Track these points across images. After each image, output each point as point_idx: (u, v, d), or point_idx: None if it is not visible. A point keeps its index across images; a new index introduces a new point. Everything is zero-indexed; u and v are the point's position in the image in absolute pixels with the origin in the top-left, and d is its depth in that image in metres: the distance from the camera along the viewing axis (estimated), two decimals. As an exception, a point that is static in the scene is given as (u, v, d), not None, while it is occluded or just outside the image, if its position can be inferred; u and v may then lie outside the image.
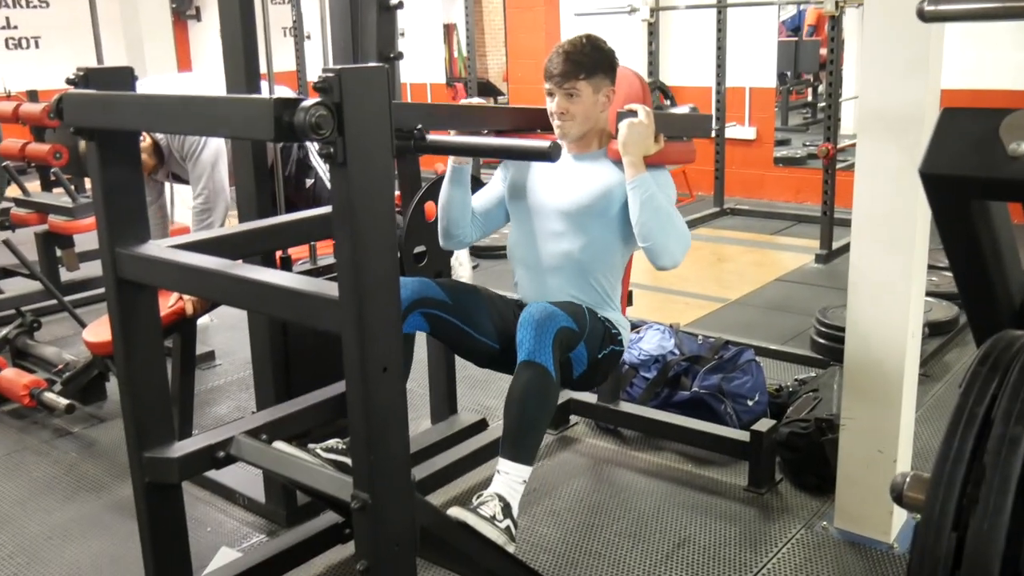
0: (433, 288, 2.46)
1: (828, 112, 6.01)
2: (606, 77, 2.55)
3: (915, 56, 2.38)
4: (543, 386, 2.20)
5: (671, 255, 2.43)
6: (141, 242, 2.05)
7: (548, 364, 2.20)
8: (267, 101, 1.45)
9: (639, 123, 2.45)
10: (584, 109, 2.52)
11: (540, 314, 2.24)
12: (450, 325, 2.47)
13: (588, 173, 2.57)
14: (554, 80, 2.51)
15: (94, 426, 3.68)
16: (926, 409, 3.51)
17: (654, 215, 2.41)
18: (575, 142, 2.60)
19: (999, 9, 1.53)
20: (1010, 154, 1.06)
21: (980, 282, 1.24)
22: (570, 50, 2.51)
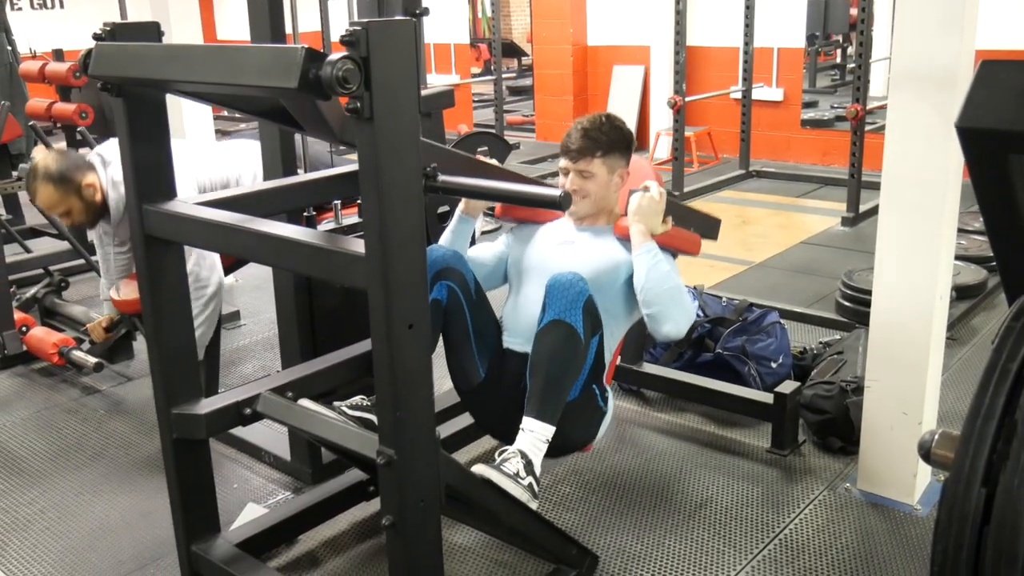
0: (465, 265, 2.46)
1: (857, 73, 5.91)
2: (622, 158, 2.54)
3: (950, 14, 2.33)
4: (571, 345, 2.20)
5: (675, 323, 2.40)
6: (168, 199, 2.07)
7: (577, 324, 2.20)
8: (296, 50, 1.44)
9: (651, 197, 2.46)
10: (597, 189, 2.52)
11: (572, 277, 2.25)
12: (461, 316, 2.44)
13: (592, 246, 2.54)
14: (570, 155, 2.50)
15: (122, 384, 3.72)
16: (952, 372, 3.49)
17: (660, 282, 2.38)
18: (583, 219, 2.58)
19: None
20: (1050, 108, 1.03)
21: (1014, 239, 1.22)
22: (588, 127, 2.50)
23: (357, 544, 2.61)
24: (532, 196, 2.20)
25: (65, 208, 3.14)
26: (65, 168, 3.08)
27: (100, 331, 3.62)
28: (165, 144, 2.07)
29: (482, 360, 2.49)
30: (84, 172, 3.11)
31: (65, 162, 3.10)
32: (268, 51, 1.55)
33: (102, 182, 3.13)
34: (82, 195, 3.10)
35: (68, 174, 3.08)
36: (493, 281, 2.67)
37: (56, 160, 3.10)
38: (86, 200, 3.11)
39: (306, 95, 1.51)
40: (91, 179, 3.11)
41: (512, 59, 13.35)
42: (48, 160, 3.10)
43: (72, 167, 3.10)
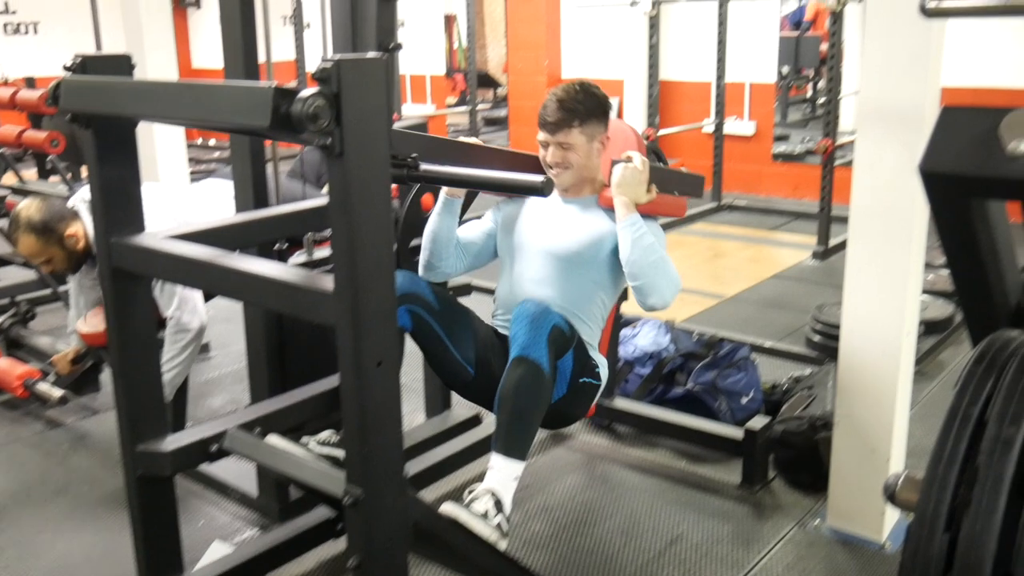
0: (423, 286, 2.45)
1: (827, 108, 6.00)
2: (600, 123, 2.54)
3: (916, 53, 2.37)
4: (537, 381, 2.19)
5: (660, 294, 2.41)
6: (137, 232, 2.05)
7: (542, 360, 2.19)
8: (266, 90, 1.43)
9: (633, 168, 2.46)
10: (579, 159, 2.52)
11: (535, 309, 2.23)
12: (432, 332, 2.44)
13: (578, 218, 2.55)
14: (548, 128, 2.50)
15: (87, 418, 3.67)
16: (920, 407, 3.51)
17: (645, 254, 2.40)
18: (567, 189, 2.60)
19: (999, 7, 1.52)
20: (1009, 153, 1.05)
21: (977, 281, 1.23)
22: (563, 97, 2.49)
23: (324, 582, 2.58)
24: (515, 183, 2.21)
25: (47, 257, 3.13)
26: (48, 218, 3.08)
27: (66, 363, 3.58)
28: (134, 176, 2.05)
29: (467, 359, 2.49)
30: (67, 222, 3.11)
31: (48, 212, 3.09)
32: (238, 90, 1.55)
33: (87, 230, 3.12)
34: (64, 245, 3.10)
35: (51, 224, 3.07)
36: (483, 258, 2.69)
37: (39, 210, 3.09)
38: (68, 249, 3.11)
39: (278, 132, 1.50)
40: (74, 229, 3.11)
41: (488, 90, 13.45)
42: (31, 210, 3.09)
43: (55, 217, 3.09)
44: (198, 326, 3.04)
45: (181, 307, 2.99)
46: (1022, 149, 1.04)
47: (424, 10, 9.82)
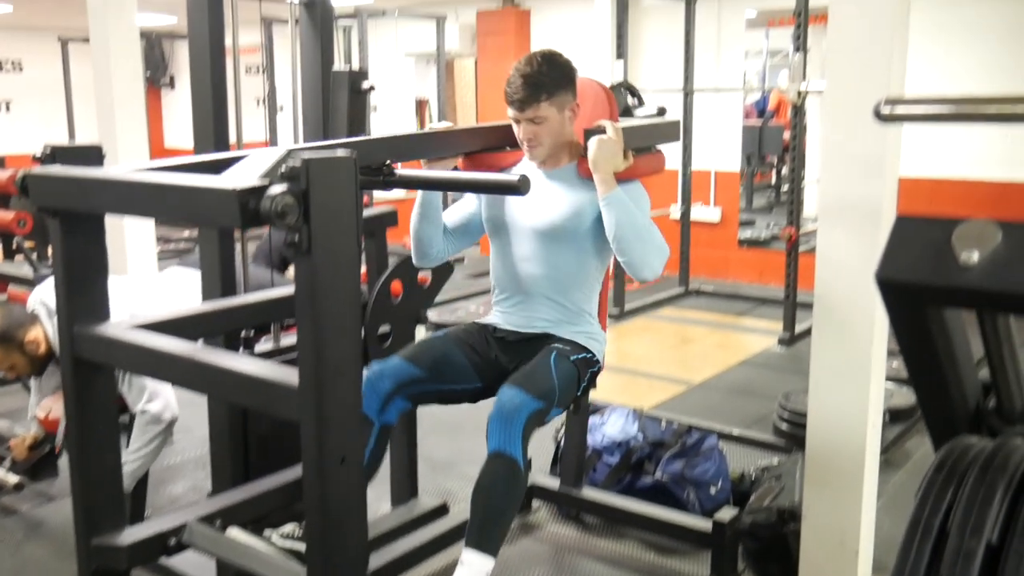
0: (409, 368, 2.49)
1: (791, 196, 6.12)
2: (568, 92, 2.55)
3: (873, 152, 2.44)
4: (511, 477, 2.22)
5: (650, 267, 2.45)
6: (100, 321, 2.03)
7: (517, 455, 2.22)
8: (231, 191, 1.44)
9: (608, 140, 2.45)
10: (551, 131, 2.54)
11: (508, 407, 2.26)
12: (432, 392, 2.52)
13: (559, 192, 2.59)
14: (516, 106, 2.51)
15: (43, 505, 3.57)
16: (888, 498, 3.51)
17: (630, 229, 2.42)
18: (545, 160, 2.62)
19: (951, 114, 1.58)
20: (962, 264, 1.08)
21: (935, 386, 1.25)
22: (528, 71, 2.49)
23: None
24: (492, 183, 2.22)
25: (8, 364, 3.12)
26: (6, 327, 3.07)
27: (23, 449, 3.50)
28: (101, 265, 2.04)
29: (470, 380, 2.57)
30: (26, 328, 3.09)
31: (6, 320, 3.08)
32: (207, 191, 1.55)
33: (48, 334, 3.09)
34: (25, 351, 3.08)
35: (9, 332, 3.06)
36: (472, 237, 2.76)
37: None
38: (29, 355, 3.10)
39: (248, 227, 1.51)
40: (33, 334, 3.09)
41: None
42: None
43: (13, 325, 3.08)
44: (170, 418, 3.00)
45: (152, 399, 2.95)
46: (974, 260, 1.06)
47: (396, 93, 9.98)
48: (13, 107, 11.05)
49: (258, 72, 9.97)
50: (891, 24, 2.38)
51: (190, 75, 2.80)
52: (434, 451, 4.04)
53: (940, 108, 1.61)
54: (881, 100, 1.54)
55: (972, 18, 6.39)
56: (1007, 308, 1.15)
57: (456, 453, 4.06)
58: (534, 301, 2.61)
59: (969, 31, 6.42)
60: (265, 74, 8.65)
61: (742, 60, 8.19)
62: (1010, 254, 1.00)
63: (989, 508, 0.97)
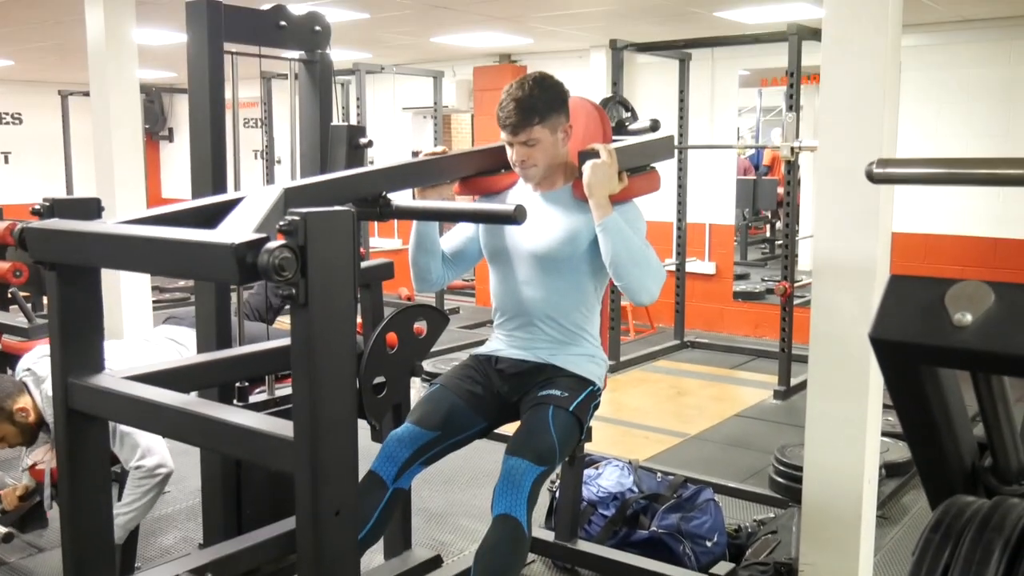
0: (425, 434, 2.52)
1: (785, 251, 6.16)
2: (560, 114, 2.55)
3: (866, 210, 2.47)
4: (516, 540, 2.25)
5: (647, 291, 2.46)
6: (95, 372, 2.02)
7: (522, 519, 2.25)
8: (228, 246, 1.45)
9: (601, 164, 2.45)
10: (545, 152, 2.54)
11: (514, 474, 2.30)
12: (446, 447, 2.56)
13: (555, 216, 2.60)
14: (509, 130, 2.51)
15: (32, 556, 3.53)
16: (885, 553, 3.48)
17: (626, 255, 2.43)
18: (540, 182, 2.63)
19: (943, 175, 1.60)
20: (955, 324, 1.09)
21: (931, 444, 1.25)
22: (519, 95, 2.48)
23: None
24: (488, 213, 2.22)
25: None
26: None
27: (13, 499, 3.46)
28: (96, 316, 2.04)
29: (478, 424, 2.61)
30: (14, 398, 3.07)
31: None
32: (204, 246, 1.56)
33: (36, 402, 3.09)
34: (15, 421, 3.07)
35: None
36: (471, 261, 2.79)
37: None
38: (19, 424, 3.08)
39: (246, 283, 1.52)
40: (22, 403, 3.08)
41: (454, 224, 13.62)
42: None
43: (2, 396, 3.06)
44: (165, 473, 2.97)
45: (145, 456, 2.93)
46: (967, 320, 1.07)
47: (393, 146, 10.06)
48: (12, 159, 11.12)
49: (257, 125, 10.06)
50: (882, 85, 2.43)
51: (189, 128, 2.83)
52: (428, 503, 4.01)
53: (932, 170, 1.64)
54: (873, 162, 1.56)
55: (962, 80, 6.49)
56: (1000, 369, 1.16)
57: (450, 505, 4.03)
58: (535, 324, 2.62)
59: (960, 93, 6.52)
60: (264, 127, 8.72)
61: (735, 117, 8.30)
62: (1002, 315, 1.01)
63: (987, 567, 0.97)
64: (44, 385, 3.08)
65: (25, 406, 3.07)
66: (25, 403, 3.07)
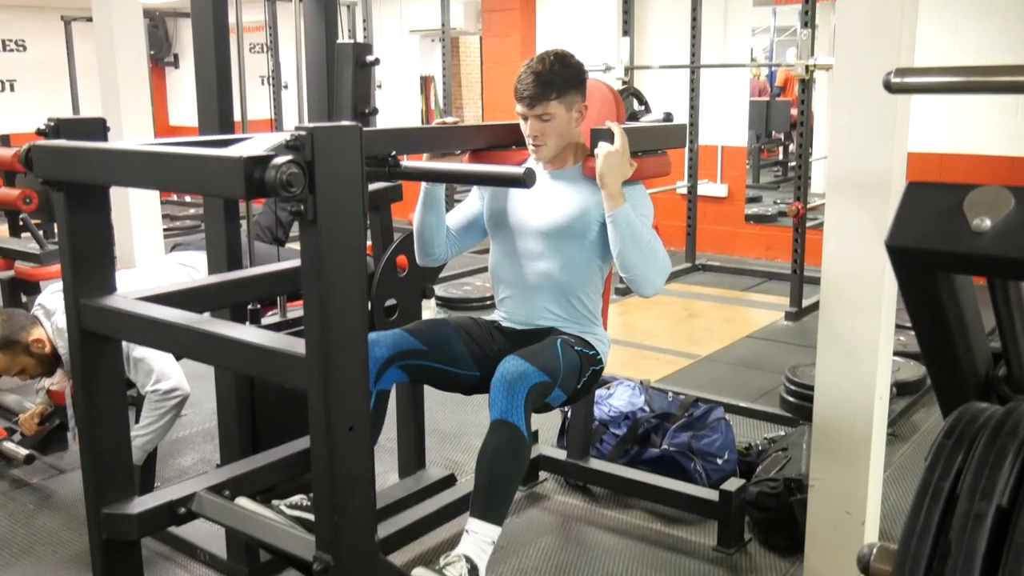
0: (406, 339, 2.47)
1: (798, 172, 6.09)
2: (577, 93, 2.55)
3: (882, 124, 2.42)
4: (515, 446, 2.19)
5: (652, 284, 2.47)
6: (107, 293, 2.03)
7: (520, 424, 2.19)
8: (237, 159, 1.44)
9: (614, 152, 2.44)
10: (558, 130, 2.53)
11: (512, 374, 2.23)
12: (430, 369, 2.50)
13: (565, 193, 2.58)
14: (525, 103, 2.51)
15: (53, 477, 3.60)
16: (894, 469, 3.52)
17: (634, 247, 2.42)
18: (551, 159, 2.62)
19: (962, 83, 1.56)
20: (974, 229, 1.07)
21: (945, 353, 1.24)
22: (539, 69, 2.50)
23: (293, 650, 2.52)
24: (497, 176, 2.22)
25: (19, 368, 3.17)
26: (9, 332, 3.11)
27: (33, 423, 3.52)
28: (106, 237, 2.04)
29: (468, 367, 2.54)
30: (28, 330, 3.13)
31: (8, 326, 3.12)
32: (211, 160, 1.55)
33: (48, 334, 3.15)
34: (32, 353, 3.13)
35: (13, 336, 3.10)
36: (474, 238, 2.76)
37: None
38: (37, 356, 3.14)
39: (253, 198, 1.51)
40: (37, 335, 3.13)
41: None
42: None
43: (15, 329, 3.12)
44: (181, 396, 3.02)
45: (161, 380, 2.98)
46: (986, 225, 1.06)
47: (401, 70, 9.93)
48: (17, 87, 11.03)
49: (262, 51, 9.93)
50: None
51: (194, 54, 2.78)
52: (441, 423, 4.05)
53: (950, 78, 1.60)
54: (891, 71, 1.52)
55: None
56: (1018, 275, 1.14)
57: (462, 425, 4.08)
58: (537, 300, 2.59)
59: (977, 7, 6.36)
60: (269, 52, 8.61)
61: (749, 37, 8.14)
62: (1022, 220, 0.99)
63: (1000, 471, 0.97)
64: (55, 317, 3.11)
65: (40, 337, 3.12)
66: (40, 335, 3.13)
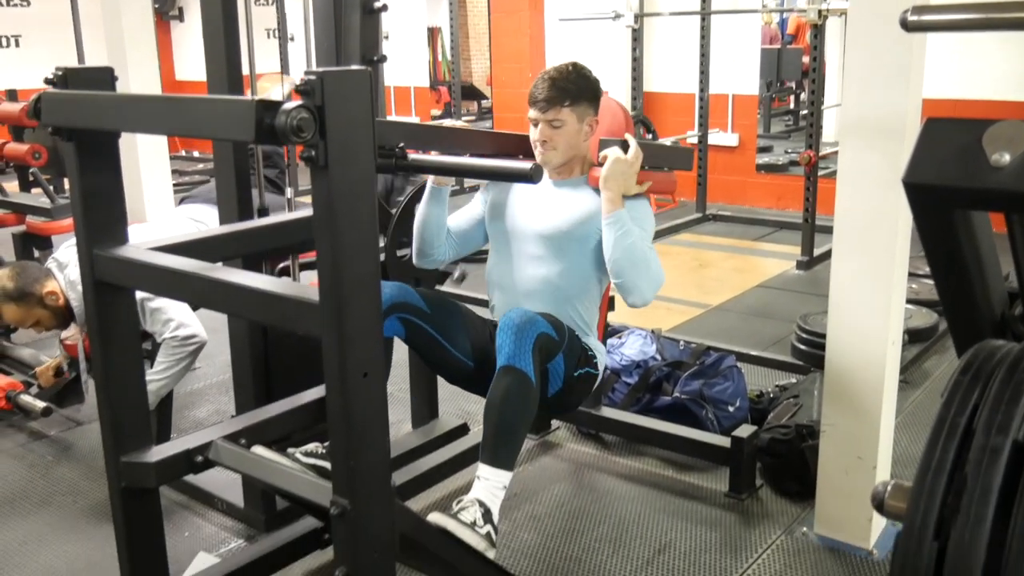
0: (412, 294, 2.46)
1: (810, 120, 6.04)
2: (590, 106, 2.56)
3: (897, 65, 2.39)
4: (523, 391, 2.20)
5: (641, 293, 2.43)
6: (119, 244, 2.03)
7: (528, 369, 2.19)
8: (249, 103, 1.43)
9: (624, 161, 2.45)
10: (567, 138, 2.53)
11: (520, 319, 2.23)
12: (426, 334, 2.47)
13: (569, 199, 2.57)
14: (539, 106, 2.51)
15: (71, 429, 3.64)
16: (905, 416, 3.53)
17: (627, 253, 2.40)
18: (557, 169, 2.60)
19: (979, 20, 1.54)
20: (992, 165, 1.06)
21: (962, 291, 1.24)
22: (556, 76, 2.51)
23: (311, 594, 2.56)
24: (503, 170, 2.22)
25: (33, 320, 3.21)
26: (23, 284, 3.14)
27: (49, 375, 3.56)
28: (117, 187, 2.04)
29: (464, 352, 2.51)
30: (42, 283, 3.16)
31: (22, 278, 3.15)
32: (221, 104, 1.54)
33: (61, 286, 3.18)
34: (46, 305, 3.16)
35: (26, 289, 3.14)
36: (474, 243, 2.74)
37: (12, 278, 3.16)
38: (51, 308, 3.17)
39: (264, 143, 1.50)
40: (50, 287, 3.16)
41: (472, 102, 13.46)
42: (4, 280, 3.16)
43: (29, 281, 3.15)
44: (198, 342, 3.04)
45: (180, 327, 3.00)
46: (1005, 160, 1.05)
47: (408, 22, 9.83)
48: (22, 42, 10.95)
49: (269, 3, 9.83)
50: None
51: (201, 7, 2.75)
52: (453, 376, 4.07)
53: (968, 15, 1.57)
54: (908, 9, 1.50)
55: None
56: (1037, 210, 1.13)
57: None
58: (533, 306, 2.49)
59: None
60: (276, 4, 8.53)
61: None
62: (1042, 154, 0.98)
63: (1016, 406, 0.97)
64: (67, 270, 3.14)
65: (54, 290, 3.15)
66: (53, 287, 3.16)
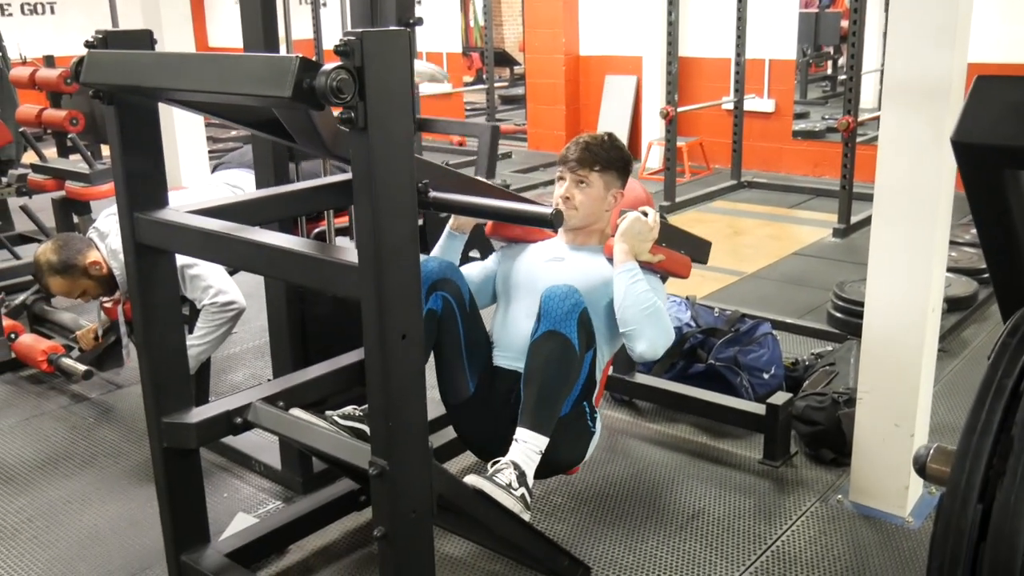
0: (460, 277, 2.47)
1: (848, 85, 5.94)
2: (618, 178, 2.57)
3: (943, 26, 2.34)
4: (566, 357, 2.20)
5: (650, 343, 2.38)
6: (160, 207, 2.06)
7: (572, 336, 2.20)
8: (290, 59, 1.44)
9: (643, 221, 2.45)
10: (591, 201, 2.53)
11: (566, 289, 2.25)
12: (454, 330, 2.44)
13: (584, 262, 2.56)
14: (568, 164, 2.53)
15: (112, 392, 3.70)
16: (943, 384, 3.49)
17: (638, 301, 2.37)
18: (574, 232, 2.59)
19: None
20: (1045, 123, 1.03)
21: (1009, 254, 1.22)
22: (591, 141, 2.55)
23: (348, 554, 2.60)
24: (523, 213, 2.19)
25: (80, 291, 3.26)
26: (66, 256, 3.19)
27: (89, 339, 3.61)
28: (157, 152, 2.06)
29: (472, 374, 2.48)
30: (85, 253, 3.21)
31: (65, 251, 3.20)
32: (262, 60, 1.55)
33: (103, 255, 3.22)
34: (90, 275, 3.21)
35: (70, 261, 3.19)
36: (481, 300, 2.67)
37: (56, 251, 3.20)
38: (95, 277, 3.22)
39: (300, 104, 1.50)
40: (93, 257, 3.21)
41: (504, 68, 13.37)
42: (48, 254, 3.21)
43: (73, 253, 3.20)
44: (238, 308, 3.08)
45: (220, 294, 3.04)
46: (1058, 117, 1.02)
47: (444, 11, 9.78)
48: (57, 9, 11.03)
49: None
50: None
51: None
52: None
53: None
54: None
55: None
56: (1089, 170, 1.11)
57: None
58: None
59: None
60: (308, -31, 8.49)
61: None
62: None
63: (1065, 368, 0.95)
64: (109, 239, 3.18)
65: (97, 259, 3.20)
66: (96, 257, 3.21)
